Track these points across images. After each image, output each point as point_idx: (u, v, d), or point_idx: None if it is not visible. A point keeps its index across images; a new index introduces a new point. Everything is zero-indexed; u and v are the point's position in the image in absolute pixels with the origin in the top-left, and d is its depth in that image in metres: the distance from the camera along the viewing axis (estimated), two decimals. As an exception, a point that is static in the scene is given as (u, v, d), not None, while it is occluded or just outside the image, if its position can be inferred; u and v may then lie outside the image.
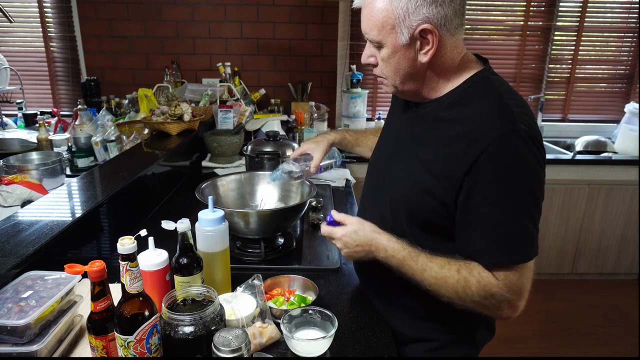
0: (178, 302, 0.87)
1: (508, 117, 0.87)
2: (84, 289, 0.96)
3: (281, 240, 1.42)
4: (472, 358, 1.12)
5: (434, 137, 0.96)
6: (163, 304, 0.83)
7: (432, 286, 0.93)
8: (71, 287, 0.90)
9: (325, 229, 1.05)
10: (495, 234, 0.87)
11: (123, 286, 0.76)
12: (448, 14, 0.87)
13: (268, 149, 1.89)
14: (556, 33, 3.22)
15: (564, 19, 3.20)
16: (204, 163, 2.34)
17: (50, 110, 2.88)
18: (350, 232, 0.99)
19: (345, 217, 1.03)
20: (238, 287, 1.06)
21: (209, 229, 1.03)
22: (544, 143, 1.07)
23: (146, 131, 2.22)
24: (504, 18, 3.20)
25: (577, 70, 3.30)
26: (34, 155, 1.98)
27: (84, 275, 0.79)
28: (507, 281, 0.88)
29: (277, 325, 0.96)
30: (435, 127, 0.96)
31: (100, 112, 2.60)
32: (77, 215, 1.21)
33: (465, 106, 0.93)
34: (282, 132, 2.55)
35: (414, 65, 0.93)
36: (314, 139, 1.38)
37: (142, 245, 0.85)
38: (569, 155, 2.96)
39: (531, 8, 3.15)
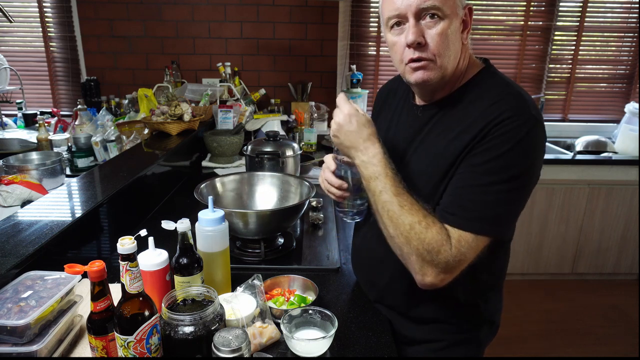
0: (178, 302, 0.87)
1: (520, 102, 0.88)
2: (84, 289, 0.96)
3: (281, 240, 1.41)
4: (474, 358, 1.12)
5: (445, 134, 0.95)
6: (163, 304, 0.83)
7: (393, 212, 0.89)
8: (71, 287, 0.90)
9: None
10: (472, 196, 0.87)
11: (123, 286, 0.76)
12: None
13: (268, 149, 1.89)
14: (556, 33, 3.22)
15: (564, 19, 3.20)
16: (204, 163, 2.34)
17: (50, 110, 2.88)
18: (363, 113, 0.98)
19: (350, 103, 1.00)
20: (238, 287, 1.06)
21: (209, 229, 1.03)
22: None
23: (146, 131, 2.22)
24: (504, 18, 3.20)
25: (577, 70, 3.30)
26: (34, 155, 1.98)
27: (84, 275, 0.79)
28: (459, 245, 0.86)
29: (277, 325, 0.96)
30: (446, 123, 0.96)
31: (100, 112, 2.60)
32: (77, 215, 1.21)
33: (475, 100, 0.93)
34: (282, 132, 2.55)
35: (459, 45, 0.93)
36: None
37: (142, 245, 0.85)
38: (569, 155, 2.96)
39: (531, 8, 3.15)
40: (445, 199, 0.91)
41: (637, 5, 3.15)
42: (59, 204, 1.34)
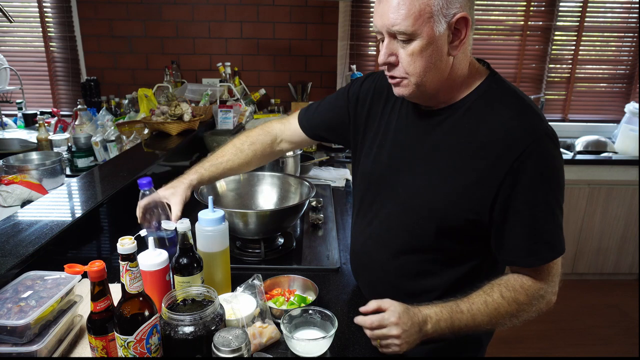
0: (178, 302, 0.87)
1: (535, 120, 0.89)
2: (84, 289, 0.96)
3: (281, 240, 1.41)
4: (475, 358, 1.12)
5: (458, 144, 0.93)
6: (163, 304, 0.83)
7: (489, 324, 0.93)
8: (71, 287, 0.90)
9: (371, 318, 0.89)
10: (538, 234, 0.90)
11: (123, 286, 0.76)
12: (472, 5, 0.87)
13: (268, 149, 1.89)
14: (556, 33, 3.22)
15: (564, 19, 3.20)
16: (204, 163, 2.33)
17: (50, 110, 2.88)
18: (402, 313, 0.88)
19: (380, 302, 0.91)
20: (238, 287, 1.05)
21: (209, 229, 1.03)
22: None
23: (146, 131, 2.22)
24: (504, 18, 3.20)
25: (577, 70, 3.31)
26: (34, 155, 1.98)
27: (84, 275, 0.79)
28: (550, 275, 0.94)
29: (277, 325, 0.96)
30: (457, 135, 0.94)
31: (100, 112, 2.61)
32: (77, 215, 1.21)
33: (486, 111, 0.92)
34: (282, 132, 2.55)
35: (443, 60, 0.89)
36: (170, 185, 1.15)
37: (142, 245, 0.85)
38: (569, 155, 2.96)
39: (531, 8, 3.15)
40: (516, 246, 0.92)
41: (637, 5, 3.15)
42: (59, 204, 1.34)
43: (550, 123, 0.92)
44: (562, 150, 3.06)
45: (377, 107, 1.12)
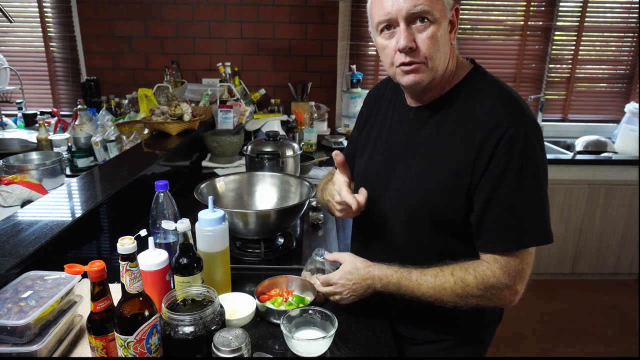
0: (178, 302, 0.87)
1: (516, 108, 0.90)
2: (84, 289, 0.96)
3: (281, 240, 1.41)
4: (475, 358, 1.12)
5: (445, 137, 0.95)
6: (163, 304, 0.83)
7: (433, 297, 0.94)
8: (71, 287, 0.90)
9: (321, 279, 1.06)
10: (510, 219, 0.89)
11: (123, 286, 0.76)
12: None
13: (268, 149, 1.89)
14: (556, 33, 3.22)
15: (564, 19, 3.20)
16: (204, 163, 2.34)
17: (50, 110, 2.88)
18: (345, 273, 1.01)
19: (338, 256, 1.06)
20: (304, 272, 1.12)
21: (209, 229, 1.03)
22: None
23: (146, 131, 2.22)
24: (504, 18, 3.20)
25: (577, 70, 3.30)
26: (34, 155, 1.98)
27: (84, 275, 0.79)
28: (507, 267, 0.90)
29: (277, 325, 0.96)
30: (445, 128, 0.96)
31: (100, 112, 2.60)
32: (77, 215, 1.21)
33: (470, 102, 0.94)
34: (282, 132, 2.55)
35: (449, 47, 0.94)
36: (329, 179, 1.24)
37: (142, 245, 0.85)
38: (569, 155, 2.96)
39: (531, 8, 3.15)
40: (486, 230, 0.92)
41: (637, 5, 3.15)
42: (59, 204, 1.34)
43: (550, 123, 0.93)
44: (561, 150, 3.08)
45: (374, 113, 1.16)
